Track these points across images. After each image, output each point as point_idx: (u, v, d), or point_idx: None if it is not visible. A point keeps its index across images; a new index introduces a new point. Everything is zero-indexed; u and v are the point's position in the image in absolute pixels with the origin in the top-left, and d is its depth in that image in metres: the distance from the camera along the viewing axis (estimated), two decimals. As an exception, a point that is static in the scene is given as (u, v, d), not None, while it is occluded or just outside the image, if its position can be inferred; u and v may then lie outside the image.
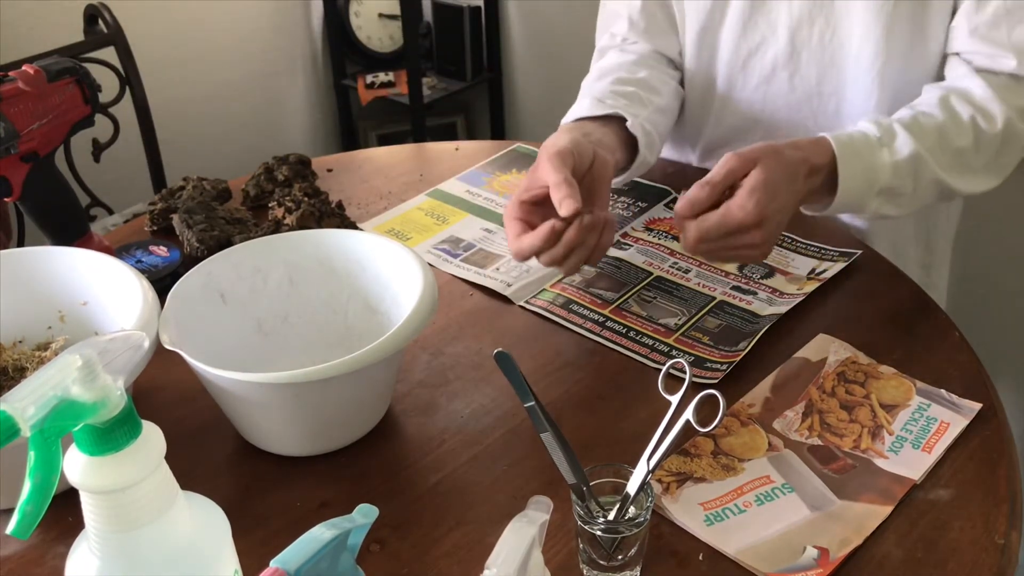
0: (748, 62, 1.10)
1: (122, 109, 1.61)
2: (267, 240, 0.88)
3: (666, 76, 1.15)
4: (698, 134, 1.21)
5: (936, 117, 0.94)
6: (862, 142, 0.91)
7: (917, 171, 0.92)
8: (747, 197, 0.84)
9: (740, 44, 1.09)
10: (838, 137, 0.91)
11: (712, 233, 0.85)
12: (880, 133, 0.91)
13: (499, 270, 1.03)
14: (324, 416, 0.76)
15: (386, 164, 1.30)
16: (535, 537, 0.54)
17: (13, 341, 0.85)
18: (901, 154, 0.91)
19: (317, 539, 0.51)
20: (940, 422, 0.80)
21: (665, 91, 1.12)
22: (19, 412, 0.43)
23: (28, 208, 0.95)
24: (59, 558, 0.69)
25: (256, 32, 2.33)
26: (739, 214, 0.84)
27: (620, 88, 1.07)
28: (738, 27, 1.08)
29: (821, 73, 1.06)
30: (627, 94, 1.06)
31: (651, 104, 1.07)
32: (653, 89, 1.10)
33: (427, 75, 2.48)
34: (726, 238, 0.85)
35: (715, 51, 1.12)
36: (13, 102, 0.87)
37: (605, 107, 1.02)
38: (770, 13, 1.06)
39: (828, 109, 1.09)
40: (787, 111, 1.11)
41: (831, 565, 0.67)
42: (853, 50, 1.03)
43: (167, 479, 0.49)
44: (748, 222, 0.84)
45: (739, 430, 0.80)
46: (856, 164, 0.89)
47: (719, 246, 0.87)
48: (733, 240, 0.86)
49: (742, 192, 0.84)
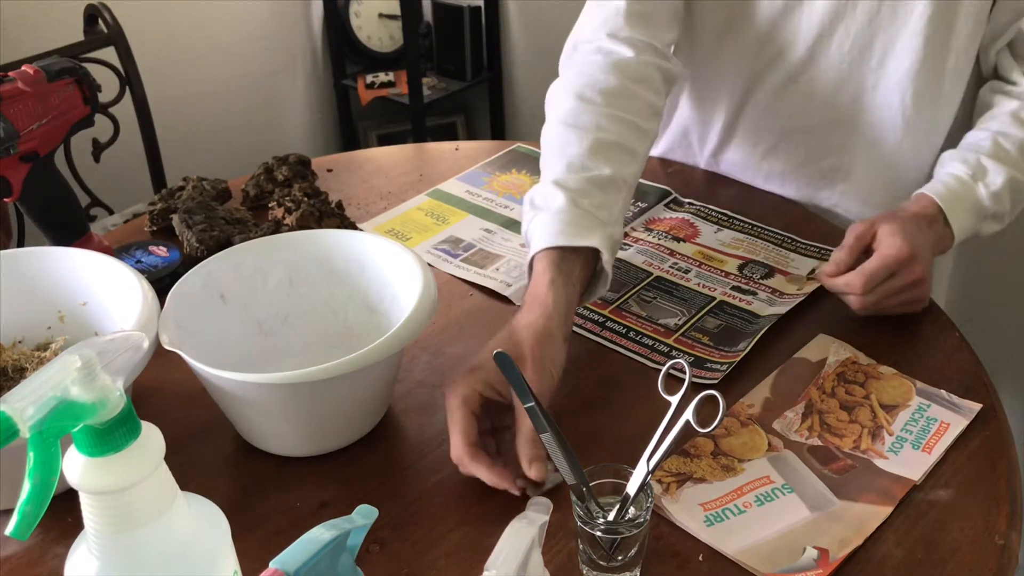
0: (768, 66, 1.09)
1: (122, 109, 1.61)
2: (267, 240, 0.88)
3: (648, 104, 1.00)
4: (707, 136, 1.20)
5: (1014, 135, 0.98)
6: (958, 186, 0.95)
7: (1013, 191, 0.97)
8: (890, 237, 0.88)
9: (760, 50, 1.08)
10: (935, 189, 0.95)
11: (878, 274, 0.87)
12: (971, 171, 0.96)
13: (499, 270, 1.03)
14: (324, 416, 0.76)
15: (386, 164, 1.30)
16: (535, 538, 0.54)
17: (13, 341, 0.85)
18: (996, 184, 0.95)
19: (317, 540, 0.51)
20: (940, 422, 0.79)
21: (642, 148, 0.98)
22: (19, 413, 0.43)
23: (28, 208, 0.94)
24: (59, 558, 0.69)
25: (256, 32, 2.33)
26: (891, 251, 0.87)
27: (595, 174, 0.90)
28: (760, 32, 1.07)
29: (840, 82, 1.06)
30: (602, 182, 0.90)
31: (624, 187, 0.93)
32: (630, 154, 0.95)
33: (427, 75, 2.48)
34: (891, 280, 0.88)
35: (733, 55, 1.11)
36: (13, 102, 0.87)
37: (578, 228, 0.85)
38: (792, 20, 1.05)
39: (844, 118, 1.08)
40: (802, 117, 1.10)
41: (831, 566, 0.67)
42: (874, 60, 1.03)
43: (167, 479, 0.49)
44: (903, 255, 0.87)
45: (739, 430, 0.80)
46: (960, 208, 0.94)
47: (886, 289, 0.88)
48: (897, 280, 0.88)
49: (886, 237, 0.88)
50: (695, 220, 1.11)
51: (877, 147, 1.08)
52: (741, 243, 1.06)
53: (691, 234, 1.08)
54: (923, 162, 1.08)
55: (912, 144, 1.07)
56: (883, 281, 0.88)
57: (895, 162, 1.08)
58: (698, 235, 1.08)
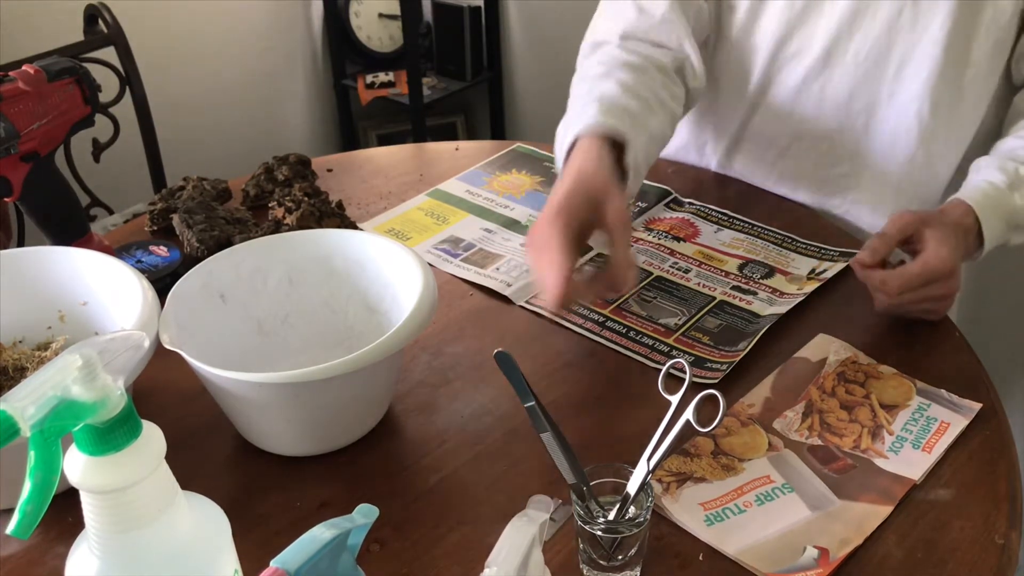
0: (783, 68, 1.09)
1: (122, 109, 1.61)
2: (267, 240, 0.88)
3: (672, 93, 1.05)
4: (720, 138, 1.20)
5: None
6: (994, 194, 0.94)
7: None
8: (938, 246, 0.87)
9: (777, 51, 1.08)
10: (972, 196, 0.93)
11: (915, 282, 0.87)
12: (1008, 179, 0.94)
13: (499, 270, 1.03)
14: (324, 416, 0.76)
15: (386, 164, 1.30)
16: (535, 536, 0.54)
17: (13, 341, 0.85)
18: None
19: (317, 539, 0.51)
20: (940, 422, 0.80)
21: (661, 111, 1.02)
22: (19, 412, 0.43)
23: (28, 208, 0.94)
24: (59, 558, 0.69)
25: (256, 32, 2.33)
26: (937, 263, 0.87)
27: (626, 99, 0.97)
28: (778, 33, 1.07)
29: (854, 88, 1.06)
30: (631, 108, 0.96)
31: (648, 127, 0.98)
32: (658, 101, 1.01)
33: (427, 75, 2.48)
34: (925, 288, 0.88)
35: (751, 53, 1.10)
36: (13, 102, 0.87)
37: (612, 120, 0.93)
38: (808, 23, 1.05)
39: (857, 125, 1.08)
40: (815, 122, 1.10)
41: (831, 565, 0.67)
42: (891, 69, 1.03)
43: (167, 479, 0.49)
44: (947, 268, 0.87)
45: (739, 430, 0.80)
46: (994, 216, 0.93)
47: (917, 296, 0.88)
48: (930, 290, 0.88)
49: (933, 244, 0.87)
50: (695, 220, 1.11)
51: (890, 157, 1.07)
52: (741, 243, 1.06)
53: (691, 234, 1.08)
54: (938, 176, 1.07)
55: (926, 156, 1.06)
56: (917, 288, 0.87)
57: (908, 173, 1.07)
58: (698, 235, 1.08)
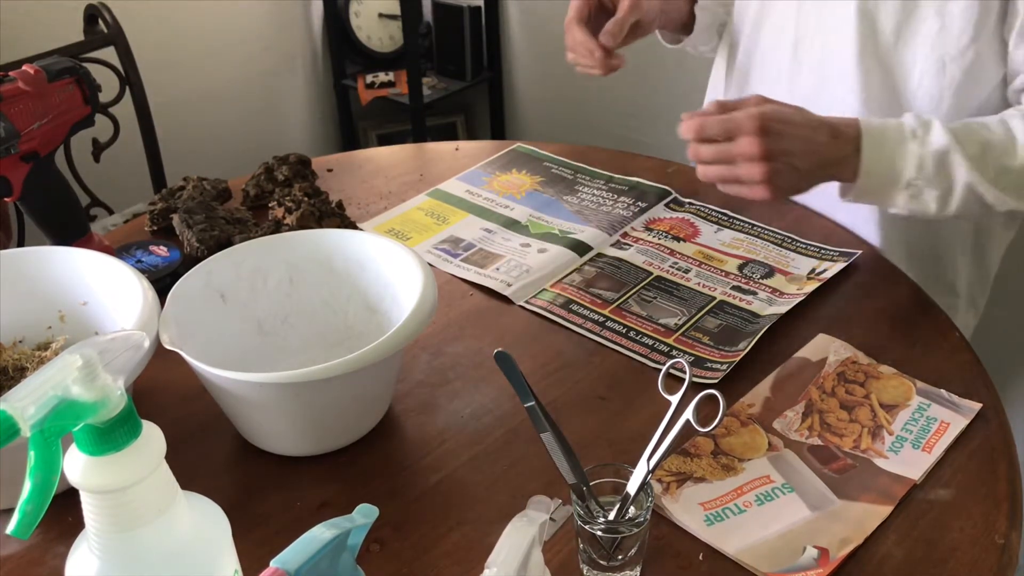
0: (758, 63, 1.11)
1: (122, 109, 1.61)
2: (267, 240, 0.88)
3: None
4: None
5: (991, 130, 0.90)
6: (894, 130, 0.88)
7: (947, 171, 0.87)
8: (755, 104, 0.85)
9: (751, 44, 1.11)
10: (869, 120, 0.89)
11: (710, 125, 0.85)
12: (916, 125, 0.88)
13: (499, 270, 1.03)
14: (324, 416, 0.76)
15: (386, 164, 1.30)
16: (535, 536, 0.54)
17: (13, 341, 0.85)
18: (930, 148, 0.87)
19: (317, 539, 0.51)
20: (940, 422, 0.80)
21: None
22: (19, 412, 0.43)
23: (28, 208, 0.95)
24: (59, 558, 0.69)
25: (256, 32, 2.33)
26: (740, 114, 0.84)
27: None
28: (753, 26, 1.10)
29: (816, 88, 1.06)
30: None
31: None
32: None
33: (427, 75, 2.48)
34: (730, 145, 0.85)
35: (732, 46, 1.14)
36: (13, 102, 0.87)
37: None
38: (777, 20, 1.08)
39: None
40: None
41: (831, 565, 0.67)
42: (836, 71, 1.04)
43: (167, 479, 0.49)
44: (747, 126, 0.84)
45: (739, 430, 0.80)
46: (881, 150, 0.87)
47: (721, 151, 0.86)
48: (735, 148, 0.85)
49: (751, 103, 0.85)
50: (695, 220, 1.11)
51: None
52: (741, 243, 1.06)
53: (691, 234, 1.08)
54: None
55: None
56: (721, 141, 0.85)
57: None
58: (698, 235, 1.08)
